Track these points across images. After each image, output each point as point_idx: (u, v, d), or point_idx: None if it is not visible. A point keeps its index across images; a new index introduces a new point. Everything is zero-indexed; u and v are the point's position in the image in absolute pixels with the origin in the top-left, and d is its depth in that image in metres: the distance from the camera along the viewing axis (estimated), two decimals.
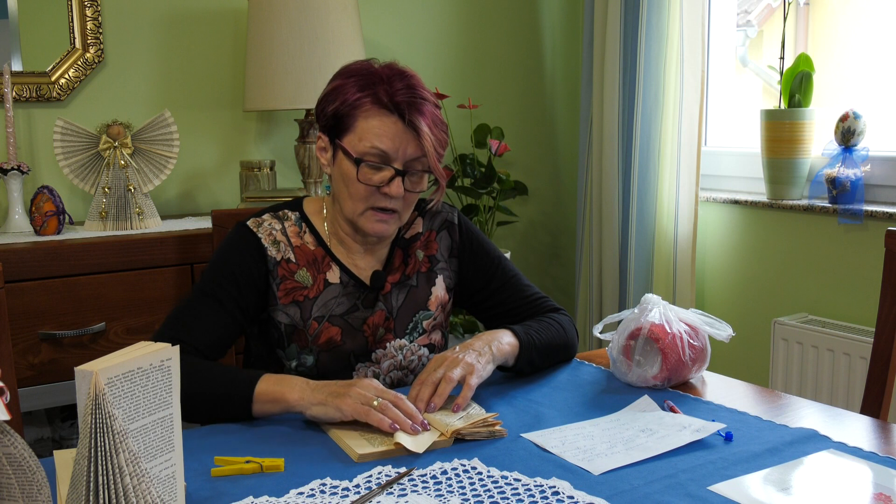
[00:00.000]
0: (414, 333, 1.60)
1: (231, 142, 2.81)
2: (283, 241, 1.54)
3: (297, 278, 1.54)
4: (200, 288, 1.50)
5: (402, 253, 1.62)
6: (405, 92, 1.47)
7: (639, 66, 2.84)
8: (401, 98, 1.46)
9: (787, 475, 1.15)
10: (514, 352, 1.50)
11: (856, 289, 2.50)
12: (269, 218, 1.57)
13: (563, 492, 1.09)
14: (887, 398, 1.62)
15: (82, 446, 0.81)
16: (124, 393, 0.87)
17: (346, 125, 1.49)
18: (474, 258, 1.68)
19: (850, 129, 2.47)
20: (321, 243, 1.57)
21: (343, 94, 1.49)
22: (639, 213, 2.90)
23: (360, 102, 1.47)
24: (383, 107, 1.46)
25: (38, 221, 2.26)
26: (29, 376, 2.09)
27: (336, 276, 1.56)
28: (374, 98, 1.46)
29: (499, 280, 1.68)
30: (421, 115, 1.46)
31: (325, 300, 1.54)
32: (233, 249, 1.53)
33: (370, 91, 1.47)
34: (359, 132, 1.47)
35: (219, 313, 1.48)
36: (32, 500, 0.83)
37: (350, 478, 1.13)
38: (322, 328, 1.53)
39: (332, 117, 1.50)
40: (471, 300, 1.70)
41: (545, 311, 1.67)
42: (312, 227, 1.58)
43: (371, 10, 2.96)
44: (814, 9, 2.98)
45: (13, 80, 2.41)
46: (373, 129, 1.46)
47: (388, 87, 1.47)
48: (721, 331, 1.50)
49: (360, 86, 1.48)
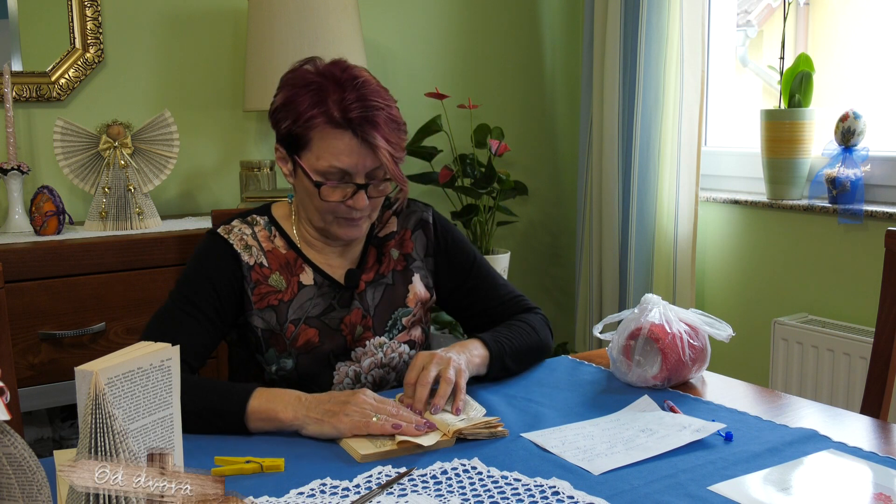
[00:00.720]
0: (393, 330, 1.60)
1: (231, 142, 2.81)
2: (254, 246, 1.54)
3: (270, 282, 1.53)
4: (177, 297, 1.49)
5: (375, 251, 1.62)
6: (357, 105, 1.43)
7: (639, 66, 2.84)
8: (354, 114, 1.43)
9: (787, 475, 1.15)
10: (484, 363, 1.50)
11: (856, 289, 2.50)
12: (239, 223, 1.57)
13: (563, 492, 1.09)
14: (887, 398, 1.62)
15: (82, 446, 0.81)
16: (124, 393, 0.87)
17: (303, 143, 1.47)
18: (449, 257, 1.67)
19: (850, 129, 2.47)
20: (292, 246, 1.57)
21: (295, 111, 1.46)
22: (639, 213, 2.90)
23: (313, 122, 1.44)
24: (337, 125, 1.43)
25: (38, 221, 2.26)
26: (29, 376, 2.09)
27: (310, 278, 1.55)
28: (326, 117, 1.43)
29: (473, 279, 1.67)
30: (375, 129, 1.43)
31: (301, 302, 1.54)
32: (207, 257, 1.54)
33: (322, 108, 1.43)
34: (315, 151, 1.45)
35: (199, 320, 1.47)
36: (32, 500, 0.83)
37: (350, 478, 1.14)
38: (299, 330, 1.52)
39: (286, 134, 1.49)
40: (446, 299, 1.70)
41: (520, 310, 1.66)
42: (282, 230, 1.58)
43: (371, 10, 2.96)
44: (814, 9, 2.98)
45: (13, 80, 2.41)
46: (329, 148, 1.44)
47: (339, 99, 1.43)
48: (721, 331, 1.50)
49: (312, 101, 1.44)
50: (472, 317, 1.69)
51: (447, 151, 2.94)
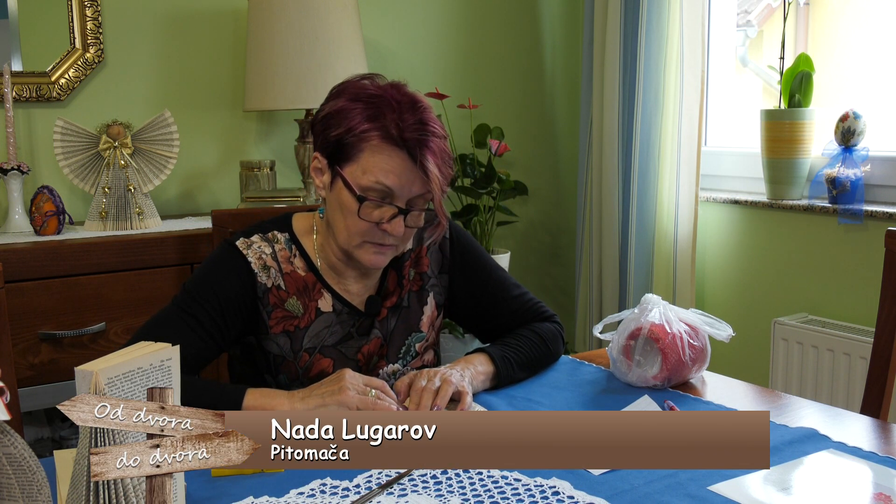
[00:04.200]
0: (407, 357, 1.54)
1: (231, 142, 2.81)
2: (273, 267, 1.46)
3: (287, 307, 1.46)
4: (179, 303, 1.43)
5: (395, 275, 1.54)
6: (416, 127, 1.37)
7: (639, 66, 2.84)
8: (411, 135, 1.36)
9: (787, 475, 1.15)
10: (488, 377, 1.47)
11: (856, 289, 2.50)
12: (259, 240, 1.47)
13: (563, 492, 1.09)
14: (887, 398, 1.62)
15: (82, 446, 0.81)
16: (124, 393, 0.87)
17: (350, 155, 1.38)
18: (466, 275, 1.60)
19: (850, 129, 2.47)
20: (312, 268, 1.48)
21: (348, 121, 1.38)
22: (639, 213, 2.90)
23: (367, 135, 1.36)
24: (392, 142, 1.36)
25: (38, 221, 2.26)
26: (29, 376, 2.09)
27: (328, 305, 1.48)
28: (383, 132, 1.36)
29: (489, 295, 1.61)
30: (431, 154, 1.37)
31: (317, 330, 1.47)
32: (219, 270, 1.45)
33: (379, 123, 1.36)
34: (363, 165, 1.37)
35: (198, 333, 1.40)
36: (32, 500, 0.83)
37: (350, 478, 1.14)
38: (313, 360, 1.47)
39: (334, 143, 1.40)
40: (459, 314, 1.64)
41: (535, 318, 1.62)
42: (302, 249, 1.49)
43: (371, 10, 2.96)
44: (814, 9, 2.98)
45: (13, 80, 2.41)
46: (379, 164, 1.36)
47: (398, 118, 1.36)
48: (721, 331, 1.50)
49: (368, 115, 1.37)
50: (486, 330, 1.64)
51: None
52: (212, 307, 1.41)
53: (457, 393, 1.36)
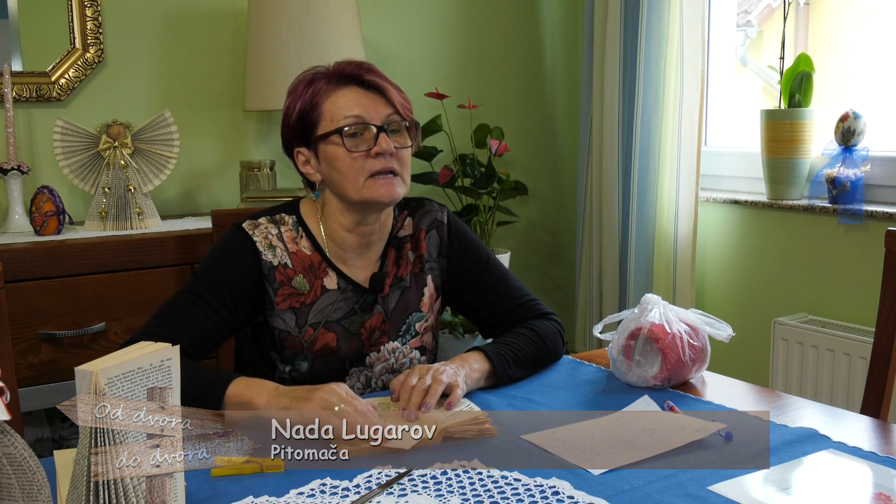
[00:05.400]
0: (406, 336, 1.59)
1: (231, 142, 2.81)
2: (279, 247, 1.53)
3: (294, 284, 1.52)
4: (190, 288, 1.49)
5: (394, 252, 1.61)
6: (353, 65, 1.51)
7: (639, 66, 2.84)
8: (351, 70, 1.50)
9: (787, 475, 1.15)
10: (483, 376, 1.48)
11: (856, 289, 2.50)
12: (266, 222, 1.55)
13: (563, 492, 1.09)
14: (887, 398, 1.62)
15: (82, 446, 0.81)
16: (124, 393, 0.87)
17: (314, 119, 1.50)
18: (462, 259, 1.65)
19: (850, 129, 2.47)
20: (317, 248, 1.55)
21: (297, 101, 1.52)
22: (639, 213, 2.90)
23: (316, 92, 1.50)
24: (339, 82, 1.50)
25: (38, 221, 2.26)
26: (29, 376, 2.09)
27: (333, 282, 1.55)
28: (326, 80, 1.50)
29: (486, 282, 1.65)
30: (377, 75, 1.51)
31: (322, 306, 1.53)
32: (227, 252, 1.52)
33: (320, 81, 1.51)
34: (327, 115, 1.49)
35: (207, 314, 1.46)
36: (32, 500, 0.83)
37: (350, 478, 1.13)
38: (318, 334, 1.52)
39: (298, 124, 1.52)
40: (457, 301, 1.68)
41: (533, 315, 1.64)
42: (309, 231, 1.56)
43: (371, 10, 2.96)
44: (814, 9, 2.99)
45: (13, 80, 2.41)
46: (337, 103, 1.49)
47: (334, 67, 1.52)
48: (721, 331, 1.50)
49: (307, 84, 1.52)
50: (483, 319, 1.67)
51: (447, 151, 2.94)
52: (220, 288, 1.48)
53: (448, 387, 1.37)
